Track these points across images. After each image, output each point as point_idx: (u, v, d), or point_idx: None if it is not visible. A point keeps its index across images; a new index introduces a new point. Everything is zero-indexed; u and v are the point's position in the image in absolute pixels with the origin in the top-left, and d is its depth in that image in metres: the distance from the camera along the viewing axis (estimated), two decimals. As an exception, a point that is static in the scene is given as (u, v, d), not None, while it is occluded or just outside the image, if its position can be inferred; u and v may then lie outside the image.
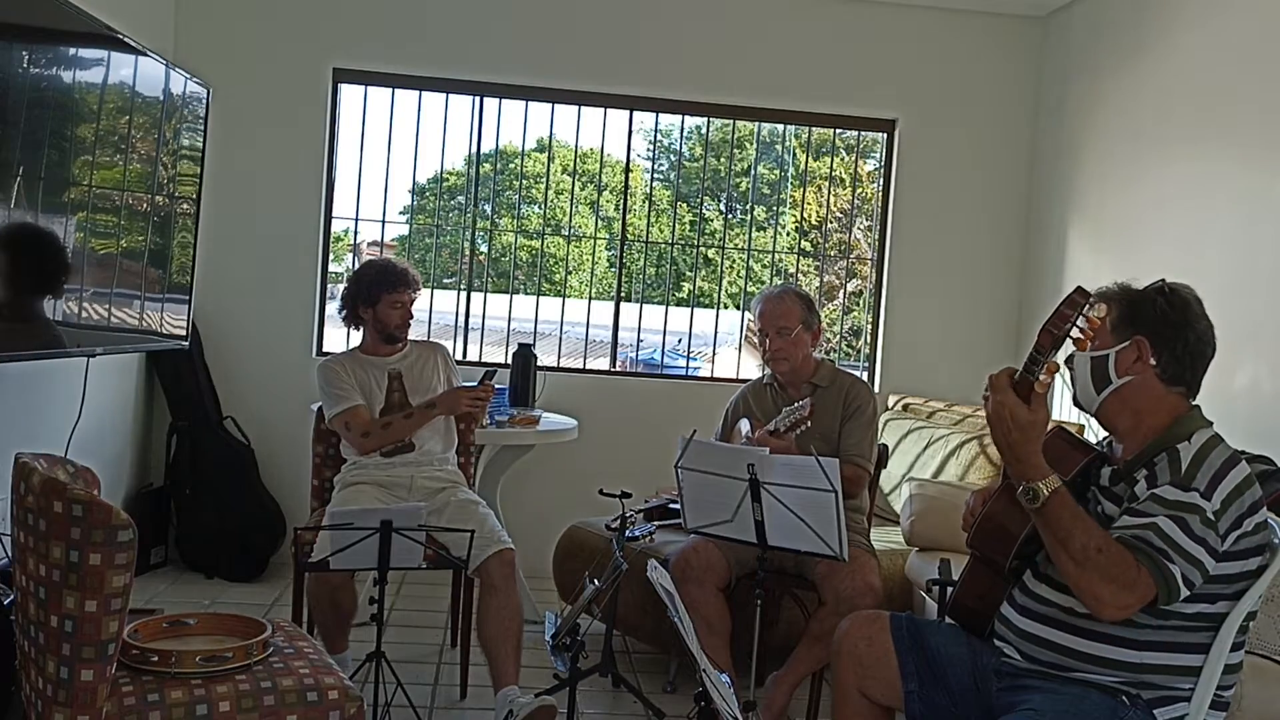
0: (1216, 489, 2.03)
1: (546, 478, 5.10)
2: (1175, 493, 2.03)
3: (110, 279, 3.70)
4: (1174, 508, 2.02)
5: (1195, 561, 2.00)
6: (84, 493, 2.15)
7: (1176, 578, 1.99)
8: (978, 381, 5.72)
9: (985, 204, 5.48)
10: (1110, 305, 2.18)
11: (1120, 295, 2.21)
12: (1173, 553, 1.99)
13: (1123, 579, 1.99)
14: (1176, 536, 1.99)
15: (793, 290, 3.69)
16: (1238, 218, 3.88)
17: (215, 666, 2.32)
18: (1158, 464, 2.11)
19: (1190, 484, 2.04)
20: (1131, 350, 2.17)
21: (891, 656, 2.35)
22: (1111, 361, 2.18)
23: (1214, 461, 2.07)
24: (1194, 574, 2.00)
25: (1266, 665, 2.70)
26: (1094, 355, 2.19)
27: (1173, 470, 2.07)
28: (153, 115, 3.90)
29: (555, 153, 6.17)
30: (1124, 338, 2.17)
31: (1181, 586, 2.00)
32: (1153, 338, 2.16)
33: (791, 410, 3.29)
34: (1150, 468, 2.12)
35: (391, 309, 3.72)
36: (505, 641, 3.33)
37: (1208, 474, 2.05)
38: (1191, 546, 1.99)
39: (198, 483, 4.92)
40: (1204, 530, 2.00)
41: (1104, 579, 2.00)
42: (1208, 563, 2.01)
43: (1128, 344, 2.17)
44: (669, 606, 2.27)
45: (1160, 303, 2.18)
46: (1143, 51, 4.55)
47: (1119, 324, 2.18)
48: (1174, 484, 2.05)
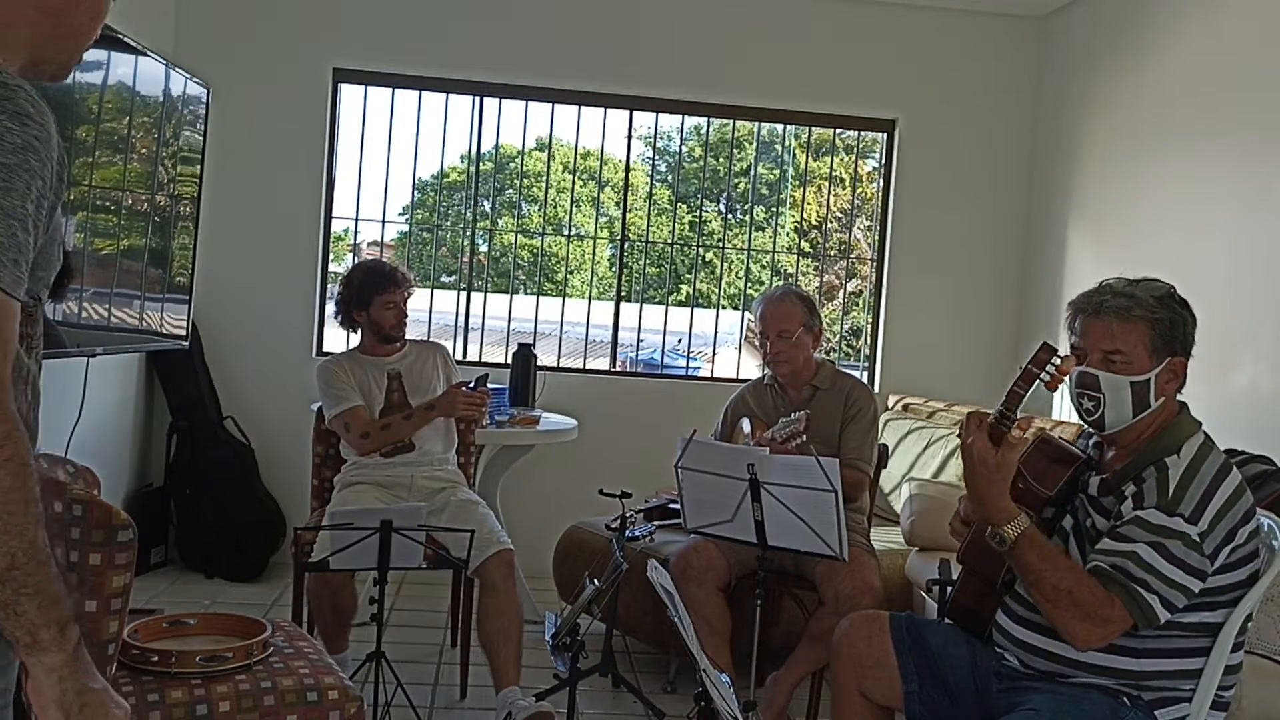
0: (1205, 509, 2.01)
1: (546, 478, 5.10)
2: (1160, 517, 2.01)
3: (110, 279, 3.70)
4: (1156, 533, 2.00)
5: (1177, 585, 1.99)
6: (84, 493, 2.15)
7: (1154, 606, 1.99)
8: (978, 381, 5.75)
9: (985, 204, 5.48)
10: (1140, 325, 2.10)
11: (1153, 315, 2.11)
12: (1152, 580, 1.98)
13: (1096, 615, 2.00)
14: (1156, 564, 1.98)
15: (794, 292, 3.67)
16: (1237, 217, 3.88)
17: (215, 666, 2.32)
18: (1146, 480, 2.08)
19: (1176, 508, 2.01)
20: (1167, 372, 2.13)
21: (891, 657, 2.34)
22: (1152, 386, 2.11)
23: (1204, 477, 2.04)
24: (1176, 597, 2.00)
25: (1266, 665, 2.71)
26: (1134, 380, 2.10)
27: (1160, 491, 2.04)
28: (153, 115, 3.90)
29: (555, 151, 6.16)
30: (1161, 359, 2.12)
31: (1160, 612, 2.00)
32: (1185, 356, 2.14)
33: (788, 422, 3.25)
34: (1139, 483, 2.09)
35: (385, 310, 3.72)
36: (505, 642, 3.33)
37: (1196, 494, 2.02)
38: (1172, 571, 1.98)
39: (198, 483, 4.92)
40: (1186, 552, 1.99)
41: (1076, 617, 2.01)
42: (1192, 584, 2.00)
43: (1163, 365, 2.12)
44: (669, 606, 2.28)
45: (1190, 320, 2.15)
46: (1142, 51, 4.55)
47: (1158, 346, 2.11)
48: (1159, 507, 2.02)
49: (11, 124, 1.14)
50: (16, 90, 1.16)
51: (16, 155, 1.13)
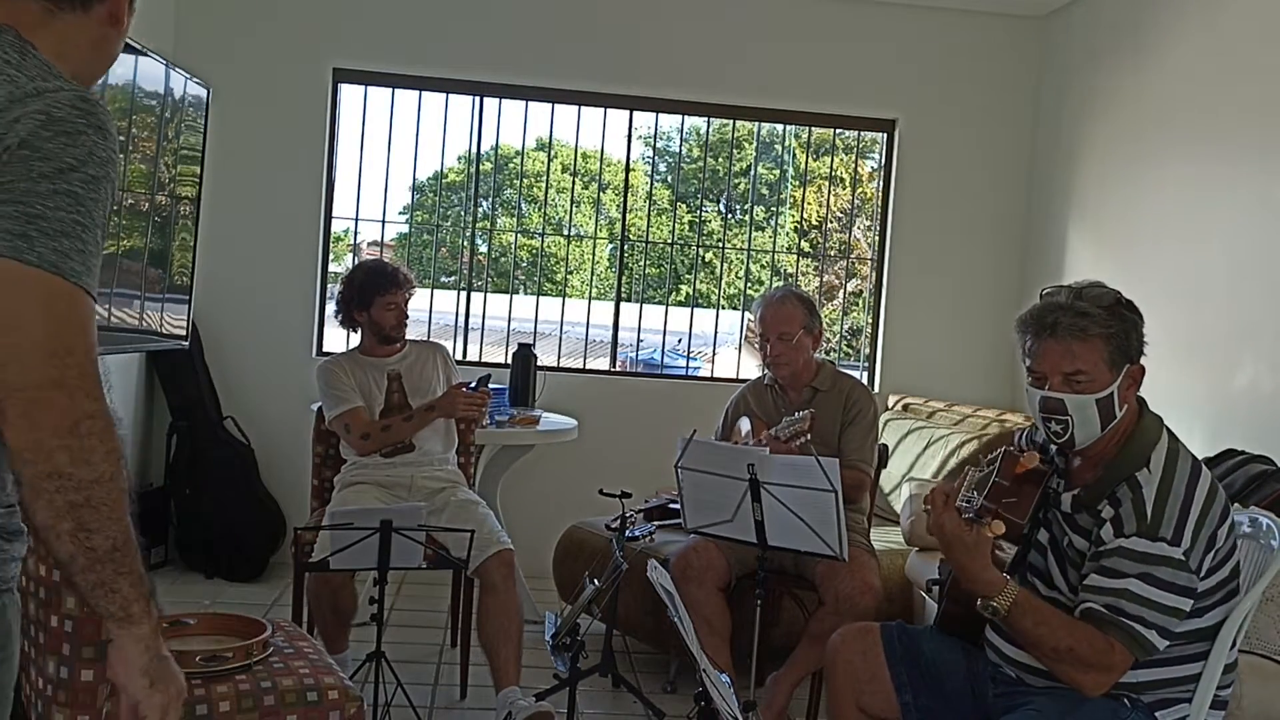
0: (1185, 527, 2.01)
1: (546, 478, 5.10)
2: (1143, 544, 2.01)
3: (110, 279, 3.70)
4: (1142, 561, 2.00)
5: (1172, 610, 2.00)
6: (84, 493, 2.15)
7: (1152, 639, 1.99)
8: (978, 381, 5.75)
9: (985, 204, 5.48)
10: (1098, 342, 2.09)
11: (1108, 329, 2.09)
12: (1148, 614, 1.98)
13: (1099, 664, 2.00)
14: (1150, 595, 1.98)
15: (794, 294, 3.65)
16: (1237, 217, 3.88)
17: (215, 666, 2.32)
18: (1122, 503, 2.05)
19: (1158, 533, 2.00)
20: (1127, 379, 2.13)
21: (885, 669, 2.33)
22: (1115, 398, 2.11)
23: (1178, 492, 2.03)
24: (1171, 622, 2.00)
25: (1266, 665, 2.70)
26: (1099, 398, 2.09)
27: (1138, 515, 2.03)
28: (153, 115, 3.90)
29: (556, 151, 6.16)
30: (1120, 370, 2.11)
31: (1159, 643, 2.00)
32: (1139, 359, 2.14)
33: (792, 421, 3.26)
34: (1115, 505, 2.07)
35: (385, 310, 3.71)
36: (505, 642, 3.33)
37: (1174, 512, 2.01)
38: (1164, 598, 1.99)
39: (198, 483, 4.92)
40: (1174, 574, 1.99)
41: (1080, 669, 2.02)
42: (1183, 604, 2.00)
43: (1123, 375, 2.11)
44: (669, 606, 2.27)
45: (1140, 324, 2.14)
46: (1142, 51, 4.55)
47: (1116, 359, 2.10)
48: (1141, 534, 2.01)
49: (99, 139, 1.22)
50: (98, 106, 1.24)
51: (102, 169, 1.22)
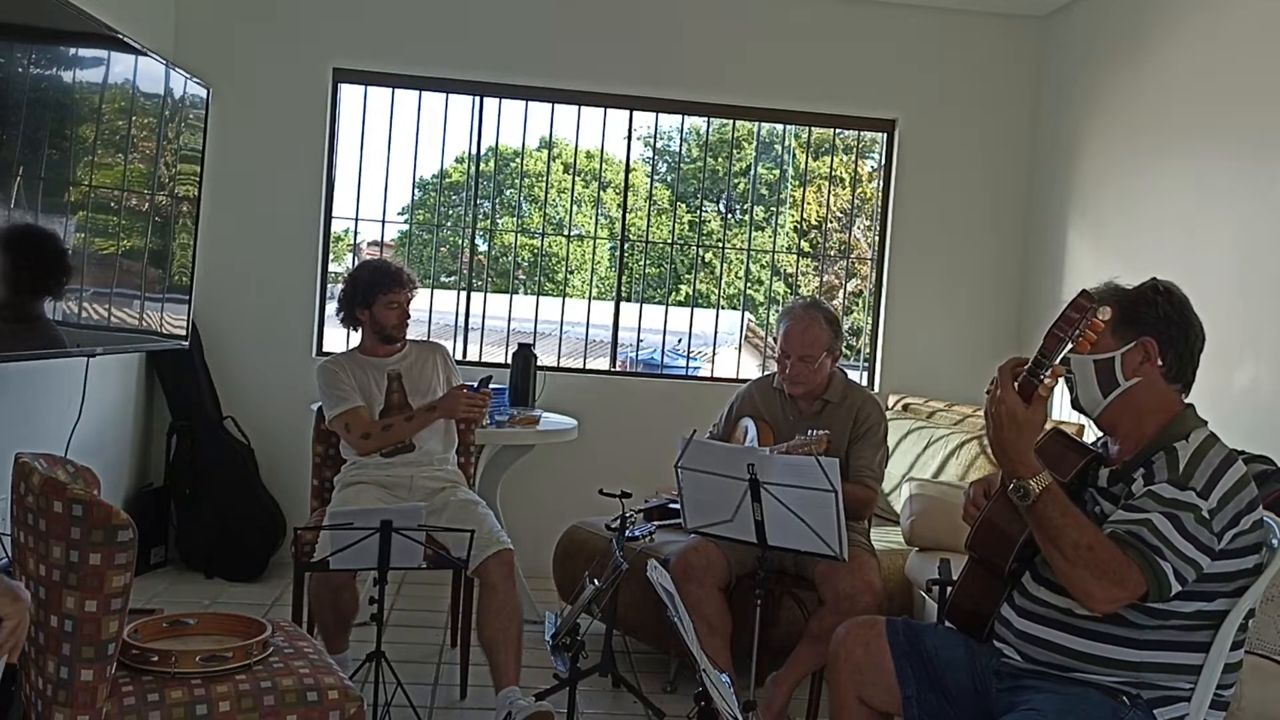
0: (1215, 487, 2.04)
1: (546, 478, 5.10)
2: (1172, 490, 2.04)
3: (110, 279, 3.70)
4: (1169, 505, 2.02)
5: (1188, 559, 2.00)
6: (84, 492, 2.16)
7: (1168, 574, 1.99)
8: (977, 381, 5.73)
9: (985, 204, 5.48)
10: (1109, 307, 2.17)
11: (1118, 296, 2.19)
12: (1165, 550, 1.99)
13: (1113, 574, 2.00)
14: (1169, 534, 2.00)
15: (822, 315, 3.52)
16: (1238, 217, 3.88)
17: (215, 666, 2.32)
18: (1155, 462, 2.10)
19: (1187, 483, 2.04)
20: (1138, 351, 2.16)
21: (888, 662, 2.33)
22: (1118, 364, 2.16)
23: (1212, 460, 2.08)
24: (1187, 570, 2.01)
25: (1266, 665, 2.71)
26: (1097, 359, 2.17)
27: (1170, 468, 2.07)
28: (153, 115, 3.90)
29: (557, 150, 6.16)
30: (1128, 340, 2.16)
31: (1173, 583, 2.00)
32: (1159, 338, 2.16)
33: (806, 441, 3.21)
34: (1148, 466, 2.11)
35: (388, 310, 3.71)
36: (505, 642, 3.33)
37: (1205, 472, 2.05)
38: (1183, 545, 2.00)
39: (198, 483, 4.92)
40: (1197, 528, 2.01)
41: (1094, 575, 2.01)
42: (1201, 560, 2.01)
43: (1133, 345, 2.16)
44: (669, 606, 2.28)
45: (1161, 302, 2.18)
46: (1142, 51, 4.55)
47: (1120, 326, 2.16)
48: (1171, 482, 2.05)
49: None
50: None
51: None
